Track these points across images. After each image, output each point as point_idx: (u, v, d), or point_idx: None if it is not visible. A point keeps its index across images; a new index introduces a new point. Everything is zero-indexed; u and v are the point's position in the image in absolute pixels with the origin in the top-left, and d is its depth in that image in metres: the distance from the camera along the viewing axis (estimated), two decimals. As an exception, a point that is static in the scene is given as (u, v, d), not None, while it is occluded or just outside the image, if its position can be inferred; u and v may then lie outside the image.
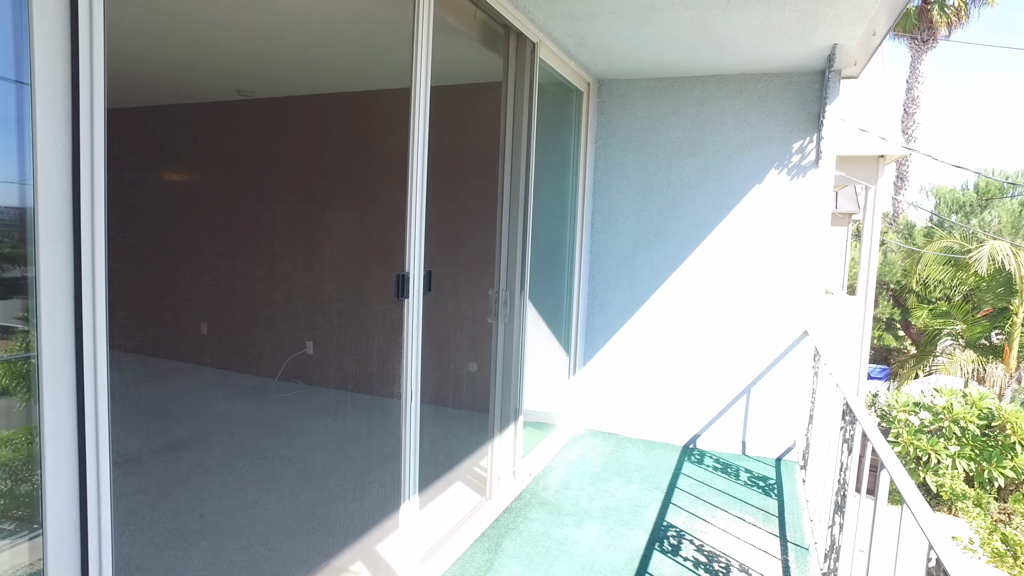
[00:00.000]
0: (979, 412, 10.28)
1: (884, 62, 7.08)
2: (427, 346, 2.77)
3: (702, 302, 4.69)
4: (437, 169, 2.77)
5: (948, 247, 12.38)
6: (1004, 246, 11.15)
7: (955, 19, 26.34)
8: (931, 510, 1.65)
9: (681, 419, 4.80)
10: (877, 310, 16.35)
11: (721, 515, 3.71)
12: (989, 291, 11.77)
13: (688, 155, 4.70)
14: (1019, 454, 9.91)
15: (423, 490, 2.97)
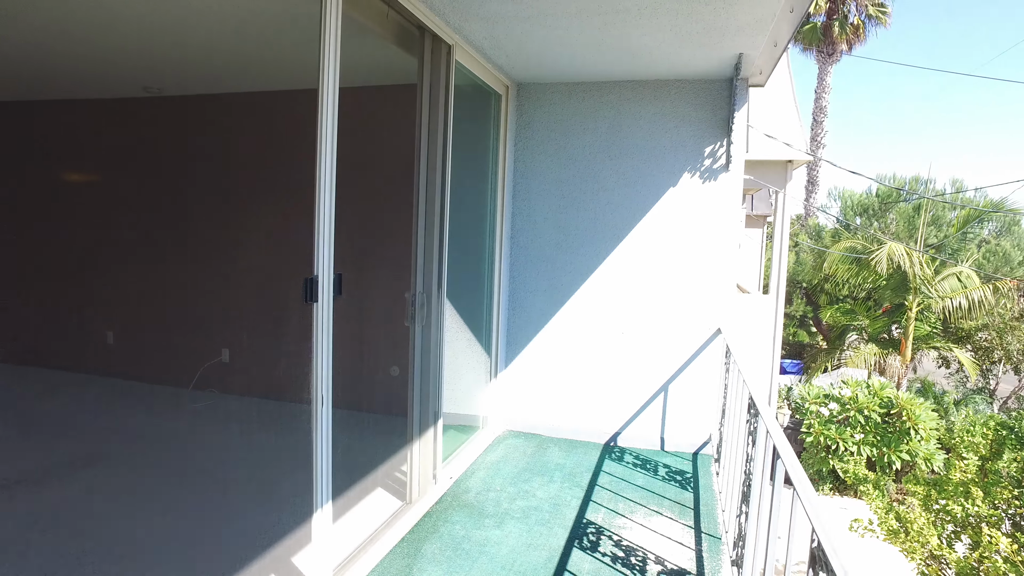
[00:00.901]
0: (880, 401, 10.96)
1: (791, 73, 7.44)
2: (343, 351, 2.71)
3: (620, 302, 4.79)
4: (352, 171, 2.73)
5: (852, 248, 13.14)
6: (900, 247, 11.94)
7: (854, 36, 28.03)
8: (815, 494, 1.74)
9: (602, 418, 4.88)
10: (791, 308, 17.21)
11: (640, 510, 3.79)
12: (888, 289, 12.57)
13: (606, 158, 4.80)
14: (913, 439, 10.62)
15: (339, 498, 2.91)
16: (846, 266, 13.15)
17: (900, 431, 10.93)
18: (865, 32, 28.24)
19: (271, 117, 5.40)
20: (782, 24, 3.65)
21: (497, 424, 5.03)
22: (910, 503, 6.80)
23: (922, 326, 12.97)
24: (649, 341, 4.75)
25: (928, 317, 13.06)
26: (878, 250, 12.11)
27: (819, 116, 27.25)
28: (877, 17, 28.11)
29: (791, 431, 12.01)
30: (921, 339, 12.99)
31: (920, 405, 10.96)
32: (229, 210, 5.68)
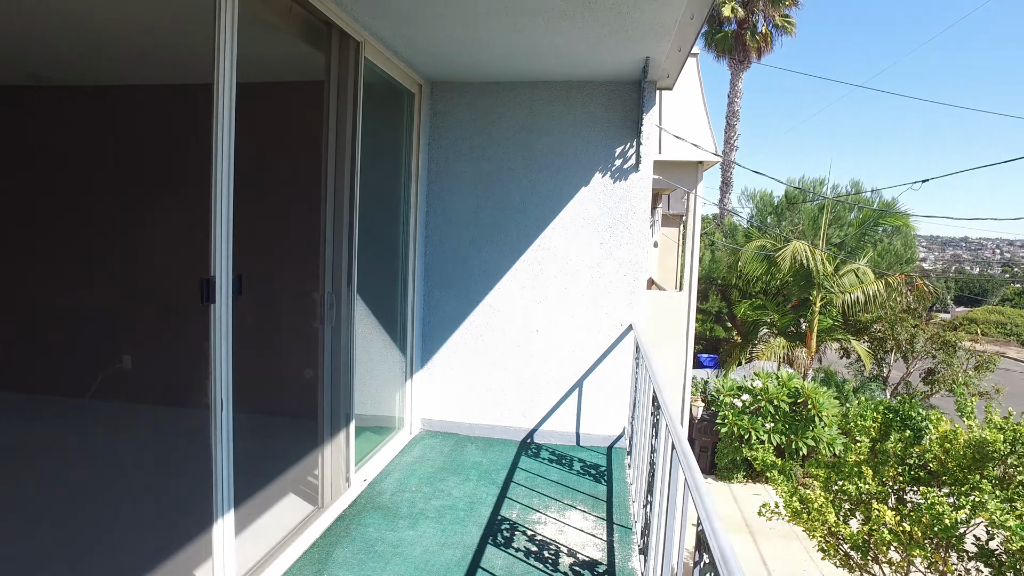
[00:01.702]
0: (788, 391, 11.56)
1: (700, 79, 7.73)
2: (249, 353, 2.63)
3: (535, 300, 4.85)
4: (257, 168, 2.65)
5: (762, 246, 13.81)
6: (803, 245, 12.64)
7: (764, 45, 29.42)
8: (704, 481, 1.82)
9: (519, 415, 4.93)
10: (708, 304, 17.90)
11: (554, 505, 3.85)
12: (795, 285, 13.28)
13: (520, 158, 4.85)
14: (818, 425, 11.27)
15: (243, 506, 2.82)
16: (757, 264, 13.79)
17: (806, 419, 11.57)
18: (773, 41, 29.67)
19: (167, 111, 5.15)
20: (685, 30, 3.79)
21: (414, 424, 5.00)
22: (811, 485, 7.19)
23: (825, 319, 13.76)
24: (563, 338, 4.83)
25: (831, 311, 13.87)
26: (784, 248, 12.76)
27: (732, 120, 28.45)
28: (783, 27, 29.56)
29: (707, 423, 12.49)
30: (824, 332, 13.77)
31: (823, 394, 11.63)
32: (125, 207, 5.39)
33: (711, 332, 17.86)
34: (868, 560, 7.00)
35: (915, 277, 14.75)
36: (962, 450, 6.32)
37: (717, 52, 30.08)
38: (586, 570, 3.16)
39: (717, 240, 18.51)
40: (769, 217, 16.99)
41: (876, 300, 13.08)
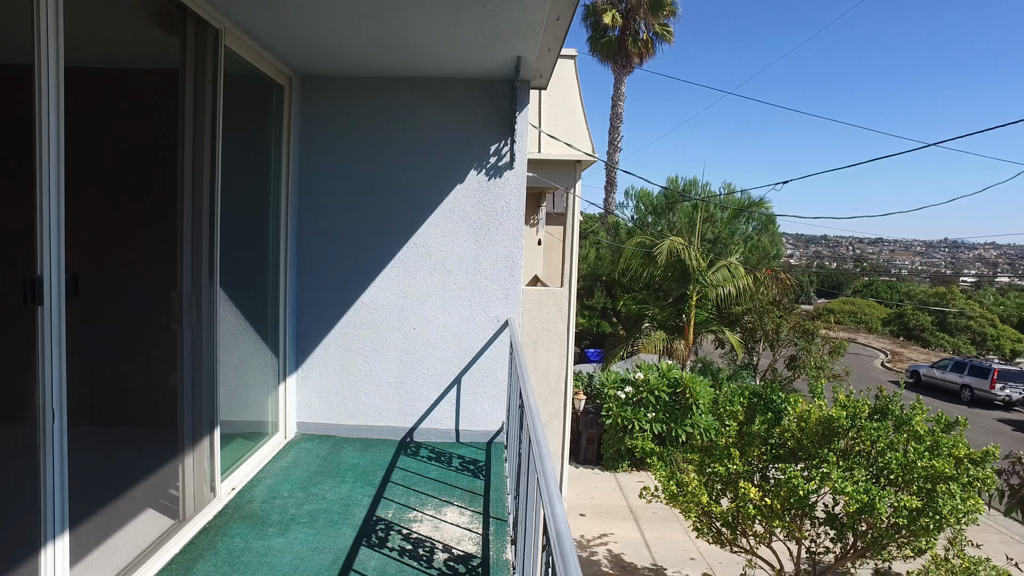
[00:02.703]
0: (668, 382, 12.18)
1: (578, 80, 7.96)
2: (93, 359, 2.43)
3: (413, 298, 4.82)
4: (103, 160, 2.45)
5: (642, 243, 14.45)
6: (679, 242, 13.36)
7: (645, 51, 30.77)
8: (554, 471, 1.87)
9: (398, 414, 4.88)
10: (593, 300, 18.51)
11: (431, 502, 3.85)
12: (673, 280, 14.00)
13: (397, 153, 4.79)
14: (695, 413, 11.96)
15: (84, 528, 2.61)
16: (637, 260, 14.42)
17: (685, 407, 12.25)
18: (654, 48, 31.11)
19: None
20: (553, 30, 3.89)
21: (289, 428, 4.83)
22: (685, 469, 7.61)
23: (702, 312, 14.59)
24: (441, 335, 4.83)
25: (706, 304, 14.72)
26: (661, 244, 13.42)
27: (616, 122, 29.54)
28: (663, 35, 31.04)
29: (593, 415, 12.93)
30: (701, 324, 14.61)
31: (700, 383, 12.35)
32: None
33: (598, 328, 18.48)
34: (737, 534, 7.50)
35: (780, 271, 15.96)
36: (814, 427, 6.90)
37: (601, 57, 31.14)
38: (460, 564, 3.18)
39: (602, 238, 19.17)
40: (650, 216, 17.80)
41: (746, 293, 14.03)
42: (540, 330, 7.64)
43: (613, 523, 11.45)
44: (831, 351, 15.12)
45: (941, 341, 47.10)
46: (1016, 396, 24.34)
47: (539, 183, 7.30)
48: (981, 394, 24.84)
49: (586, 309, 19.00)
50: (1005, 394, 24.36)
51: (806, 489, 6.39)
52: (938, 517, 6.08)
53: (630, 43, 30.16)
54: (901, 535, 6.62)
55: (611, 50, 30.57)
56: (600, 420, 12.60)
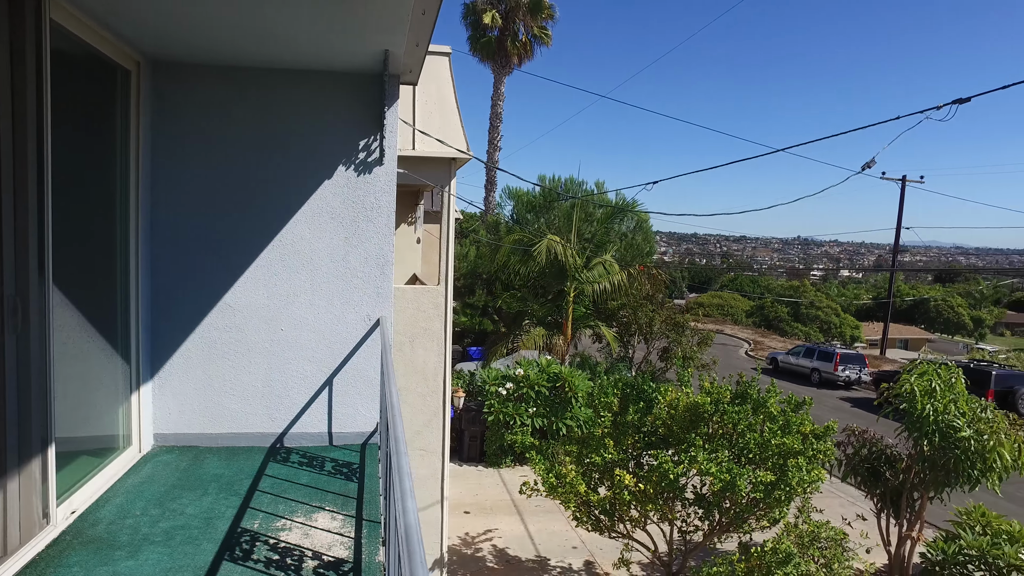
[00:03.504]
0: (548, 377, 12.46)
1: (453, 77, 7.95)
2: None
3: (279, 297, 4.61)
4: None
5: (520, 240, 14.69)
6: (557, 240, 13.71)
7: (524, 52, 31.33)
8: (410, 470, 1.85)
9: (267, 419, 4.66)
10: (475, 298, 18.59)
11: (302, 509, 3.69)
12: (551, 277, 14.33)
13: (262, 147, 4.56)
14: (575, 406, 12.32)
15: None
16: (517, 258, 14.64)
17: (564, 401, 12.59)
18: (532, 49, 31.75)
19: None
20: (419, 25, 3.86)
21: (144, 441, 4.47)
22: (563, 461, 7.82)
23: (579, 308, 15.06)
24: (310, 336, 4.65)
25: (584, 300, 15.21)
26: (540, 243, 13.71)
27: (495, 122, 29.89)
28: (541, 38, 31.75)
29: (475, 412, 12.99)
30: (579, 319, 15.07)
31: (579, 376, 12.73)
32: None
33: (480, 326, 18.58)
34: (615, 520, 7.80)
35: (652, 268, 16.78)
36: (683, 414, 7.30)
37: (481, 57, 31.39)
38: (331, 571, 3.08)
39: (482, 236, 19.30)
40: (528, 214, 18.13)
41: (621, 289, 14.63)
42: (417, 328, 7.57)
43: (497, 518, 11.57)
44: (700, 342, 16.11)
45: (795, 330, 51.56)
46: (854, 376, 27.08)
47: (414, 180, 7.23)
48: (827, 376, 27.41)
49: (468, 307, 19.06)
50: (846, 375, 27.05)
51: (676, 473, 6.75)
52: (788, 488, 6.63)
53: (509, 44, 30.61)
54: (759, 508, 7.15)
55: (491, 50, 30.88)
56: (482, 417, 12.68)
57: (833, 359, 27.40)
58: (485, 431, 12.98)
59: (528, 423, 11.96)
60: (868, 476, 9.32)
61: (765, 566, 6.94)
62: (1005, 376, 22.17)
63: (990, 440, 7.86)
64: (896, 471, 9.13)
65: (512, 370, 12.62)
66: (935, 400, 8.23)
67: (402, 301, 7.72)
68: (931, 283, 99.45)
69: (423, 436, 7.88)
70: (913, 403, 8.32)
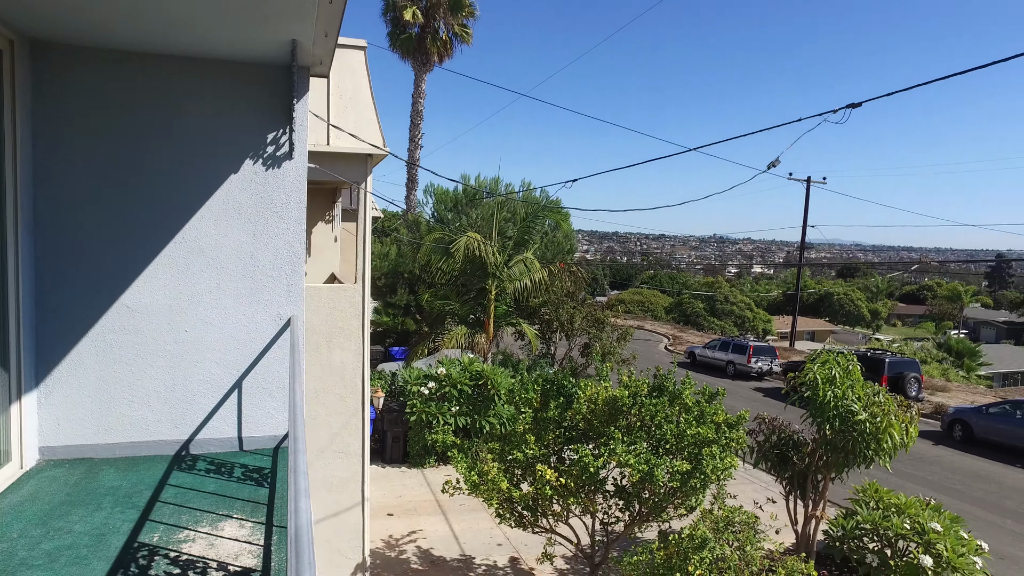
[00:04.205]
0: (470, 375, 12.43)
1: (368, 72, 7.79)
2: None
3: (183, 297, 4.37)
4: None
5: (440, 238, 14.60)
6: (476, 238, 13.70)
7: (444, 50, 31.18)
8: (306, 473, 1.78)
9: (170, 426, 4.41)
10: (396, 298, 18.32)
11: (208, 518, 3.52)
12: (472, 275, 14.31)
13: (161, 139, 4.31)
14: (498, 403, 12.34)
15: None
16: (437, 256, 14.53)
17: (487, 399, 12.59)
18: (453, 47, 31.61)
19: None
20: (326, 14, 3.75)
21: (28, 456, 4.14)
22: (485, 459, 7.82)
23: (501, 306, 15.10)
24: (217, 337, 4.44)
25: (505, 298, 15.26)
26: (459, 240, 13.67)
27: (417, 119, 29.58)
28: (462, 36, 31.66)
29: (397, 413, 12.80)
30: (500, 317, 15.11)
31: (501, 374, 12.76)
32: None
33: (402, 325, 18.34)
34: (538, 516, 7.86)
35: (573, 265, 17.03)
36: (602, 408, 7.43)
37: (402, 53, 31.00)
38: (237, 581, 2.94)
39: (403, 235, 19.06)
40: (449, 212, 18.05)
41: (542, 286, 14.76)
42: (334, 328, 7.38)
43: (422, 519, 11.45)
44: (619, 337, 16.48)
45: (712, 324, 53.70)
46: (766, 368, 28.43)
47: (328, 177, 7.03)
48: (741, 368, 28.64)
49: (390, 307, 18.77)
50: (759, 367, 28.35)
51: (596, 466, 6.86)
52: (703, 476, 6.87)
53: (430, 41, 30.36)
54: (676, 496, 7.37)
55: (411, 47, 30.54)
56: (404, 417, 12.51)
57: (747, 352, 28.65)
58: (408, 431, 12.81)
59: (451, 422, 11.89)
60: (777, 461, 9.78)
61: (682, 552, 7.16)
62: (896, 363, 23.84)
63: (882, 422, 8.41)
64: (802, 455, 9.62)
65: (434, 369, 12.50)
66: (835, 387, 8.73)
67: (318, 301, 7.50)
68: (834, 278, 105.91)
69: (342, 438, 7.69)
70: (816, 390, 8.79)
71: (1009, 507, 13.97)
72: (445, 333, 14.75)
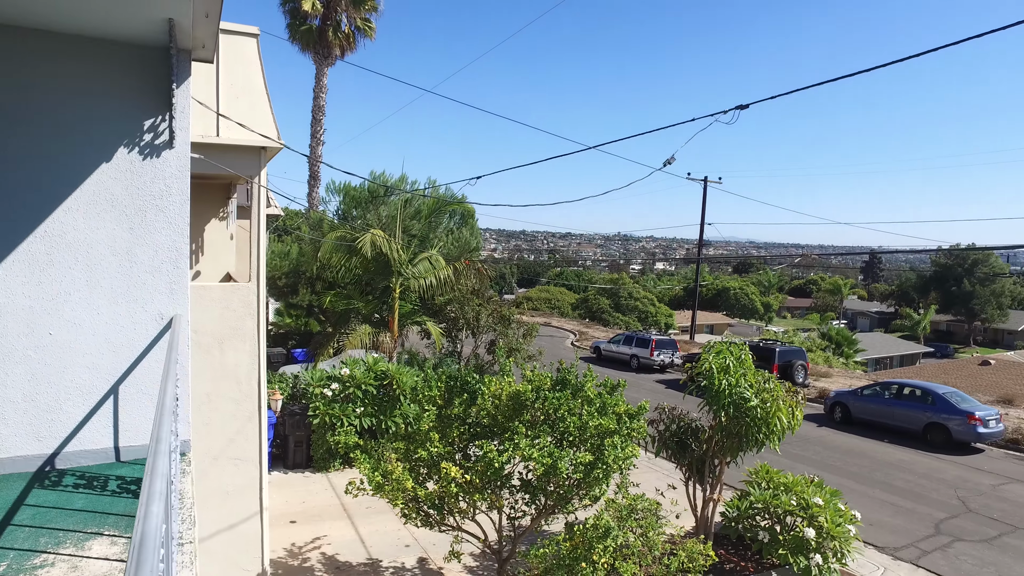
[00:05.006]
0: (375, 375, 12.17)
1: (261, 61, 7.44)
2: None
3: (48, 297, 4.00)
4: None
5: (344, 237, 14.21)
6: (380, 234, 13.44)
7: (347, 44, 30.38)
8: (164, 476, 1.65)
9: (32, 439, 4.02)
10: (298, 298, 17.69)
11: (73, 538, 3.22)
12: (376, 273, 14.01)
13: (20, 123, 3.92)
14: (404, 403, 12.16)
15: None
16: (341, 254, 14.13)
17: (393, 398, 12.37)
18: (356, 41, 30.85)
19: None
20: (203, -7, 3.53)
21: None
22: (389, 458, 7.66)
23: (406, 304, 14.87)
24: (90, 340, 4.09)
25: (410, 296, 15.05)
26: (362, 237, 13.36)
27: (318, 115, 28.67)
28: (364, 30, 30.96)
29: (300, 416, 12.36)
30: (406, 316, 14.89)
31: (407, 373, 12.57)
32: None
33: (306, 326, 17.73)
34: (444, 514, 7.77)
35: (478, 262, 17.02)
36: (506, 403, 7.45)
37: (302, 46, 29.95)
38: (107, 603, 2.71)
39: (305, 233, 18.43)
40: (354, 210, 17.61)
41: (448, 284, 14.66)
42: (227, 329, 7.00)
43: (327, 525, 11.10)
44: (525, 334, 16.62)
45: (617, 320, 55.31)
46: (668, 360, 29.57)
47: (218, 170, 6.66)
48: (645, 361, 29.63)
49: (292, 308, 18.08)
50: (661, 359, 29.43)
51: (500, 461, 6.85)
52: (605, 466, 7.01)
53: (331, 34, 29.49)
54: (581, 488, 7.49)
55: (312, 40, 29.56)
56: (307, 421, 12.09)
57: (649, 345, 29.66)
58: (311, 435, 12.39)
59: (355, 423, 11.59)
60: (677, 449, 10.16)
61: (587, 542, 7.28)
62: (785, 352, 25.41)
63: (772, 407, 8.90)
64: (700, 442, 10.03)
65: (338, 370, 12.15)
66: (729, 375, 9.16)
67: (209, 300, 7.10)
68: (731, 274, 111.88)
69: (237, 444, 7.32)
70: (712, 379, 9.19)
71: (878, 478, 15.20)
72: (349, 333, 14.36)
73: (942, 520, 12.79)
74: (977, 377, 41.39)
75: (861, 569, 10.03)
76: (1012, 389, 31.90)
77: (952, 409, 17.98)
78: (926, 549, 11.39)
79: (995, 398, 24.97)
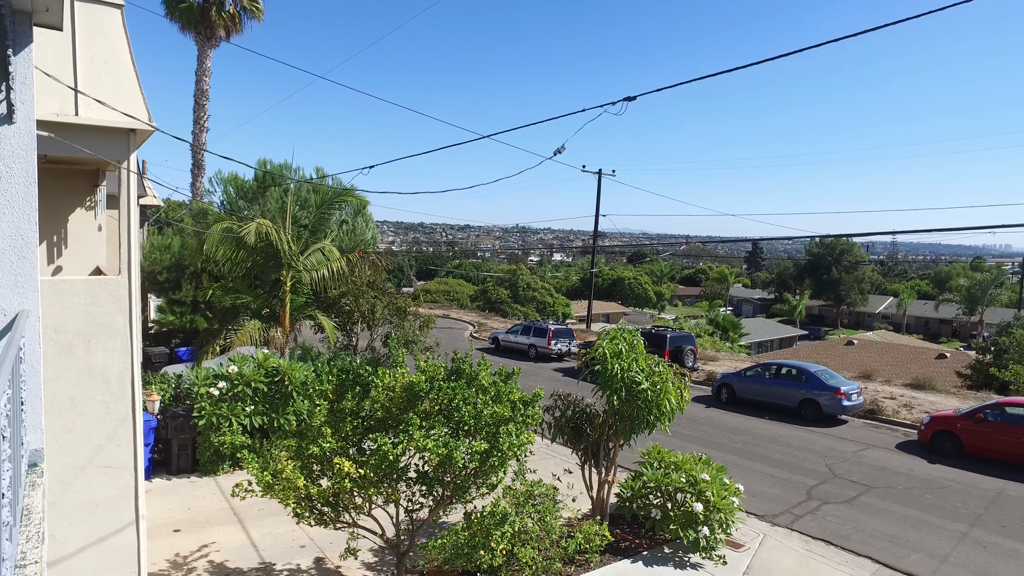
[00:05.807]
0: (265, 372, 11.66)
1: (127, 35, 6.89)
2: None
3: None
4: None
5: (229, 228, 13.48)
6: (267, 223, 12.84)
7: (232, 25, 28.83)
8: None
9: None
10: (181, 293, 16.62)
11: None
12: (265, 266, 13.41)
13: None
14: (297, 400, 11.73)
15: None
16: (227, 246, 13.39)
17: (285, 395, 11.90)
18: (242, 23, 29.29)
19: None
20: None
21: None
22: (279, 457, 7.36)
23: (298, 298, 14.32)
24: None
25: (302, 289, 14.50)
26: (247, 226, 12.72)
27: (201, 100, 27.03)
28: (252, 11, 29.46)
29: (184, 418, 11.63)
30: (297, 310, 14.34)
31: (299, 369, 12.12)
32: None
33: (191, 323, 16.70)
34: (339, 511, 7.55)
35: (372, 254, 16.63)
36: (400, 395, 7.32)
37: (182, 25, 28.11)
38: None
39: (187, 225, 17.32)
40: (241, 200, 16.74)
41: (342, 276, 14.24)
42: (94, 326, 6.44)
43: (215, 531, 10.54)
44: (422, 326, 16.45)
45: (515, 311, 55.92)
46: (565, 349, 30.24)
47: (78, 152, 6.09)
48: (543, 350, 30.15)
49: (175, 304, 16.94)
50: (558, 348, 30.05)
51: (395, 454, 6.74)
52: (501, 454, 7.05)
53: (215, 14, 27.85)
54: (478, 476, 7.49)
55: (193, 19, 27.80)
56: (192, 422, 11.41)
57: (547, 335, 30.20)
58: (197, 437, 11.70)
59: (244, 422, 11.05)
60: (573, 434, 10.38)
61: (485, 529, 7.31)
62: (676, 338, 26.63)
63: (661, 389, 9.28)
64: (595, 426, 10.30)
65: (225, 368, 11.53)
66: (622, 360, 9.46)
67: (72, 296, 6.50)
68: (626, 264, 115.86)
69: (108, 451, 6.77)
70: (605, 364, 9.45)
71: (759, 452, 16.27)
72: (238, 329, 13.65)
73: (813, 487, 13.87)
74: (843, 356, 45.32)
75: (743, 537, 10.68)
76: (871, 365, 35.24)
77: (822, 385, 19.54)
78: (799, 514, 12.30)
79: (856, 374, 27.43)
